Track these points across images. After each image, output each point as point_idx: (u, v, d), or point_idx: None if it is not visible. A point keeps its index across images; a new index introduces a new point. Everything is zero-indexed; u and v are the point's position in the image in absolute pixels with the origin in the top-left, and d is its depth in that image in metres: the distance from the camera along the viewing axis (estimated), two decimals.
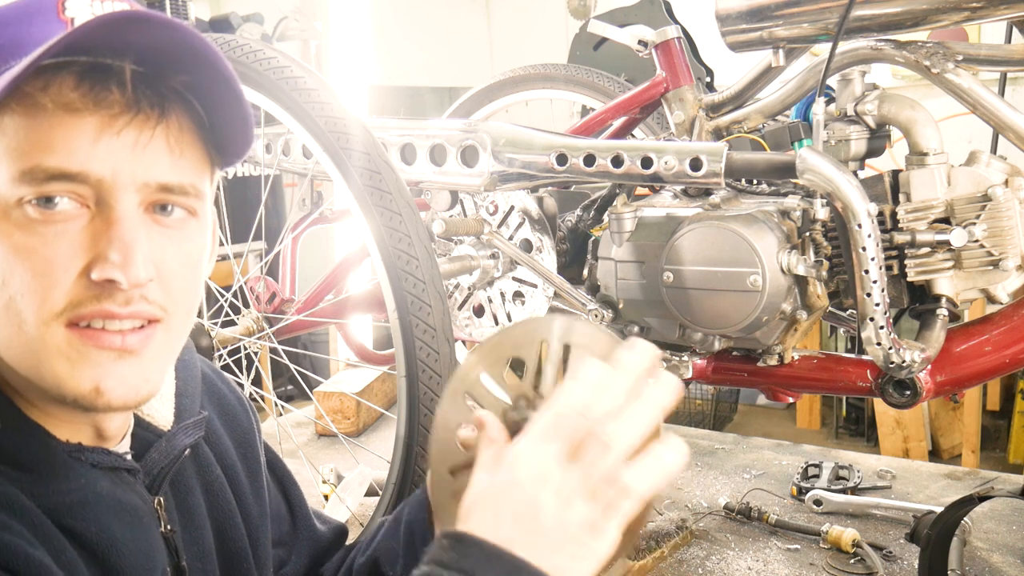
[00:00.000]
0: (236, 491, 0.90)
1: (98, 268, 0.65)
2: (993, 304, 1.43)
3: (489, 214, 1.81)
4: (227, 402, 0.95)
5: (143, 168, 0.67)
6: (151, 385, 0.71)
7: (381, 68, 4.57)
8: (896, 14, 1.41)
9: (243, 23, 3.41)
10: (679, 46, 1.77)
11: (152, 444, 0.80)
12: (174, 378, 0.87)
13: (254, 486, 0.94)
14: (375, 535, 0.97)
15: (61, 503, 0.68)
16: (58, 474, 0.69)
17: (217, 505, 0.87)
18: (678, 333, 1.63)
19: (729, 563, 1.64)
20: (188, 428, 0.84)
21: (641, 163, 1.51)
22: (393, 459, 1.42)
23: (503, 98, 2.30)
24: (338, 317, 1.80)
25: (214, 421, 0.91)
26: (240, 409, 0.96)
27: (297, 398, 4.05)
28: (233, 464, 0.91)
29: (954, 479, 2.03)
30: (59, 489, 0.69)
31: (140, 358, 0.69)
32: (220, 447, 0.91)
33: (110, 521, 0.71)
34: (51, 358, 0.66)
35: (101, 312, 0.66)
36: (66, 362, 0.66)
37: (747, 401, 4.67)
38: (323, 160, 1.44)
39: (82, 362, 0.66)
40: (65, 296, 0.65)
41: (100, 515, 0.71)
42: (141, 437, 0.80)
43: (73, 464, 0.71)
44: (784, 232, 1.49)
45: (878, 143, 1.55)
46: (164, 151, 0.68)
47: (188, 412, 0.86)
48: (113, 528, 0.71)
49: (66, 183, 0.65)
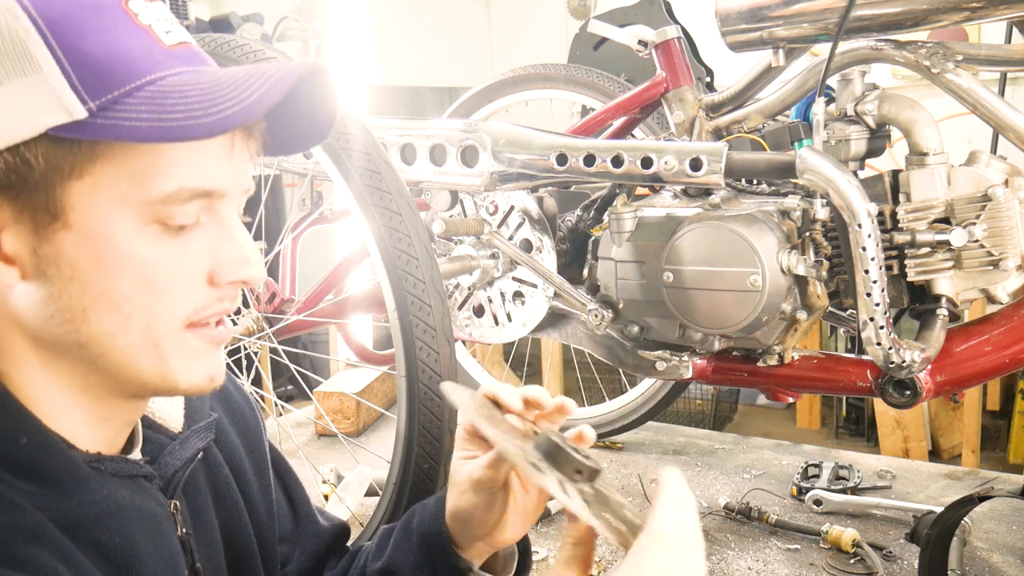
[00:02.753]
0: (244, 490, 0.91)
1: (229, 272, 0.70)
2: (993, 304, 1.43)
3: (489, 214, 1.81)
4: (234, 401, 0.95)
5: (244, 178, 0.72)
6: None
7: (381, 68, 4.57)
8: (896, 14, 1.41)
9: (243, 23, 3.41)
10: (679, 46, 1.77)
11: (165, 447, 0.81)
12: None
13: (261, 484, 0.94)
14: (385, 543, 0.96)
15: (86, 516, 0.68)
16: (81, 486, 0.69)
17: (225, 505, 0.88)
18: (678, 333, 1.63)
19: (729, 563, 1.64)
20: (200, 431, 0.84)
21: (641, 163, 1.52)
22: (393, 459, 1.42)
23: (503, 98, 2.30)
24: (338, 317, 1.80)
25: (223, 420, 0.91)
26: (247, 408, 0.96)
27: (297, 398, 4.05)
28: (241, 463, 0.92)
29: (954, 479, 2.03)
30: (84, 502, 0.69)
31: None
32: (229, 447, 0.91)
33: (134, 530, 0.71)
34: (175, 359, 0.70)
35: (222, 312, 0.72)
36: (188, 360, 0.70)
37: (747, 401, 4.67)
38: (323, 160, 1.44)
39: (202, 358, 0.72)
40: (192, 304, 0.69)
41: (124, 525, 0.71)
42: (153, 440, 0.81)
43: (93, 475, 0.71)
44: (784, 232, 1.49)
45: (878, 143, 1.55)
46: (249, 161, 0.73)
47: (199, 414, 0.86)
48: (137, 537, 0.71)
49: (198, 200, 0.68)
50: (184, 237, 0.68)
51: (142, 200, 0.65)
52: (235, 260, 0.70)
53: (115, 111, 0.62)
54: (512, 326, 1.84)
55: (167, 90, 0.64)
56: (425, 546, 0.90)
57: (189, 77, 0.66)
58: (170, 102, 0.63)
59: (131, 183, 0.65)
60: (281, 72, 0.66)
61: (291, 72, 0.66)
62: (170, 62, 0.66)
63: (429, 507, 0.94)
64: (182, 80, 0.65)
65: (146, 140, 0.63)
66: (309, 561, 1.00)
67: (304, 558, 1.00)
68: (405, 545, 0.93)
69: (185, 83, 0.65)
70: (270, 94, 0.64)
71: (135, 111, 0.63)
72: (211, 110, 0.63)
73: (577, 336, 1.82)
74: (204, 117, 0.63)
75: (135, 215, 0.65)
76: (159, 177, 0.65)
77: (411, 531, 0.93)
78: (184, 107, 0.63)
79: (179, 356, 0.70)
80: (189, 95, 0.64)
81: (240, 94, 0.64)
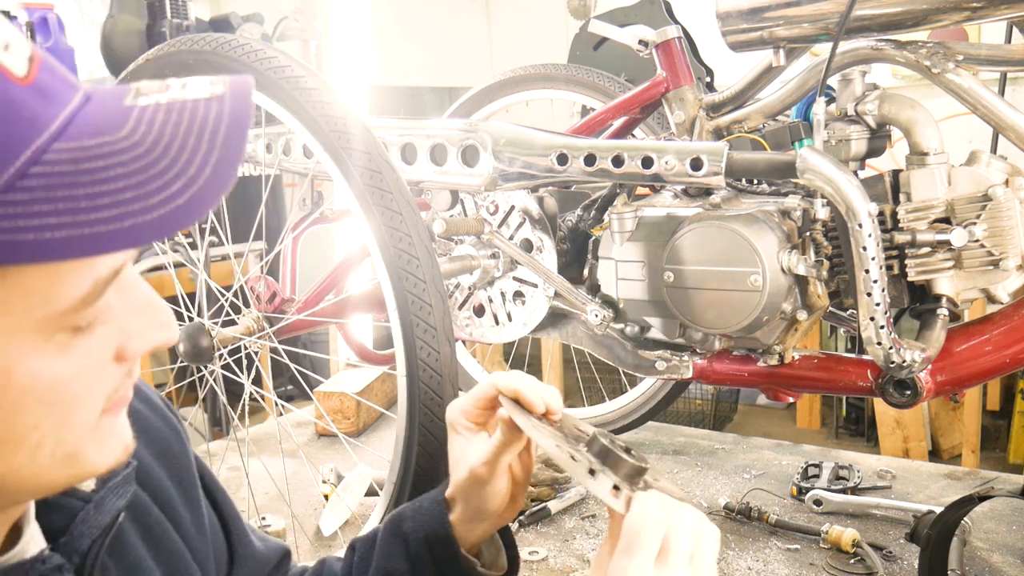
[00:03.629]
0: (178, 527, 0.81)
1: (141, 344, 0.57)
2: (993, 304, 1.43)
3: (489, 214, 1.81)
4: (156, 430, 0.83)
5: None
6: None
7: (381, 68, 4.57)
8: (896, 14, 1.41)
9: (243, 23, 3.41)
10: (679, 46, 1.77)
11: (76, 513, 0.66)
12: None
13: (195, 516, 0.84)
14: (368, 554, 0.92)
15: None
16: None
17: (163, 549, 0.78)
18: (678, 333, 1.63)
19: (729, 563, 1.64)
20: (117, 487, 0.70)
21: (642, 163, 1.52)
22: (393, 459, 1.42)
23: (503, 98, 2.30)
24: (338, 317, 1.80)
25: (145, 459, 0.79)
26: (170, 433, 0.85)
27: (297, 398, 4.05)
28: (170, 499, 0.81)
29: (954, 479, 2.03)
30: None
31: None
32: (154, 484, 0.80)
33: None
34: (91, 455, 0.57)
35: (131, 386, 0.60)
36: (103, 445, 0.58)
37: (747, 401, 4.68)
38: (324, 160, 1.44)
39: (116, 433, 0.59)
40: (104, 394, 0.56)
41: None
42: (60, 507, 0.65)
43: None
44: (784, 232, 1.49)
45: (878, 143, 1.55)
46: None
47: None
48: None
49: (112, 283, 0.53)
50: (96, 329, 0.54)
51: (47, 316, 0.50)
52: (148, 328, 0.57)
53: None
54: (512, 326, 1.84)
55: (66, 170, 0.45)
56: (428, 550, 0.88)
57: (86, 127, 0.47)
58: (82, 189, 0.45)
59: (30, 300, 0.49)
60: (214, 115, 0.49)
61: (225, 113, 0.50)
62: (43, 107, 0.47)
63: (425, 511, 0.91)
64: (81, 138, 0.47)
65: (67, 257, 0.45)
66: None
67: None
68: (397, 551, 0.90)
69: (87, 148, 0.46)
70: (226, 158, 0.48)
71: (31, 212, 0.44)
72: (149, 189, 0.46)
73: (577, 336, 1.82)
74: (145, 212, 0.46)
75: (36, 334, 0.50)
76: (69, 282, 0.49)
77: (403, 536, 0.90)
78: (109, 193, 0.46)
79: (96, 449, 0.57)
80: (107, 169, 0.46)
81: (178, 157, 0.47)
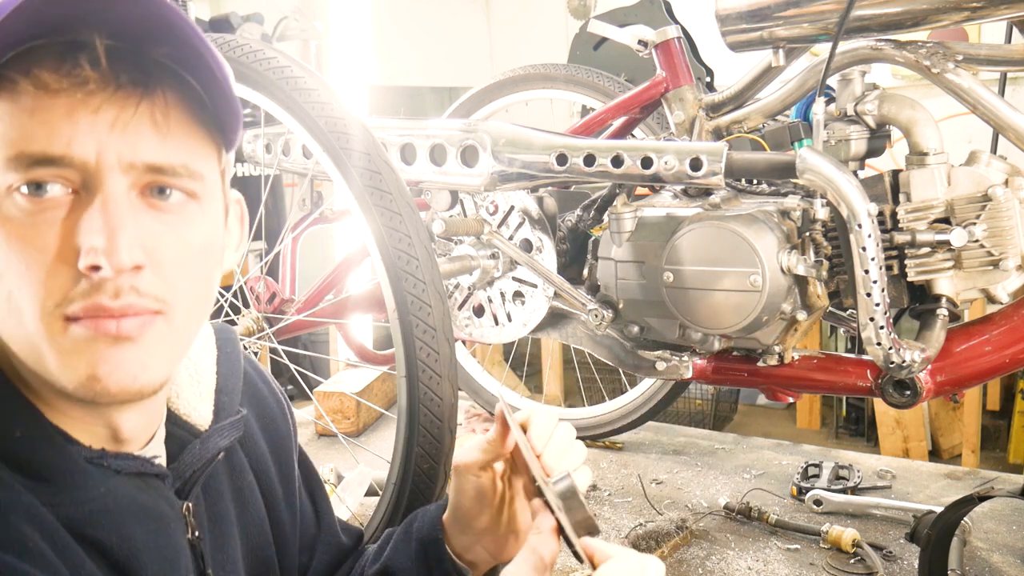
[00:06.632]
0: (268, 498, 0.87)
1: (81, 255, 0.61)
2: (993, 304, 1.43)
3: (489, 214, 1.81)
4: (266, 405, 0.91)
5: (127, 147, 0.62)
6: (151, 374, 0.66)
7: (381, 68, 4.57)
8: (896, 14, 1.41)
9: (243, 23, 3.42)
10: (679, 46, 1.77)
11: (186, 445, 0.77)
12: (215, 373, 0.83)
13: (286, 493, 0.91)
14: (384, 547, 0.95)
15: (80, 512, 0.66)
16: (76, 483, 0.66)
17: (247, 511, 0.84)
18: (678, 333, 1.63)
19: (729, 563, 1.64)
20: (224, 429, 0.80)
21: (641, 163, 1.51)
22: (393, 459, 1.42)
23: (503, 98, 2.30)
24: (338, 317, 1.80)
25: (251, 423, 0.87)
26: (279, 412, 0.92)
27: (297, 398, 4.04)
28: (267, 470, 0.88)
29: (954, 479, 2.03)
30: (78, 498, 0.66)
31: (137, 344, 0.64)
32: (256, 451, 0.87)
33: (133, 529, 0.69)
34: (49, 349, 0.62)
35: (93, 307, 0.62)
36: (61, 351, 0.62)
37: (747, 401, 4.67)
38: (323, 160, 1.44)
39: (78, 349, 0.62)
40: (60, 289, 0.61)
41: (122, 523, 0.68)
42: (177, 437, 0.77)
43: (93, 471, 0.68)
44: (784, 232, 1.49)
45: (878, 143, 1.55)
46: (149, 128, 0.63)
47: (227, 411, 0.82)
48: (135, 536, 0.69)
49: (52, 168, 0.61)
50: (49, 213, 0.62)
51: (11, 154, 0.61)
52: (92, 242, 0.61)
53: None
54: (512, 326, 1.84)
55: None
56: (423, 551, 0.90)
57: None
58: None
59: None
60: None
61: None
62: None
63: (430, 513, 0.93)
64: None
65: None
66: (324, 571, 0.98)
67: (320, 568, 0.98)
68: (404, 548, 0.92)
69: None
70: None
71: None
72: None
73: (577, 336, 1.82)
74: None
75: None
76: (5, 141, 0.61)
77: (410, 535, 0.92)
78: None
79: (55, 347, 0.62)
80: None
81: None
